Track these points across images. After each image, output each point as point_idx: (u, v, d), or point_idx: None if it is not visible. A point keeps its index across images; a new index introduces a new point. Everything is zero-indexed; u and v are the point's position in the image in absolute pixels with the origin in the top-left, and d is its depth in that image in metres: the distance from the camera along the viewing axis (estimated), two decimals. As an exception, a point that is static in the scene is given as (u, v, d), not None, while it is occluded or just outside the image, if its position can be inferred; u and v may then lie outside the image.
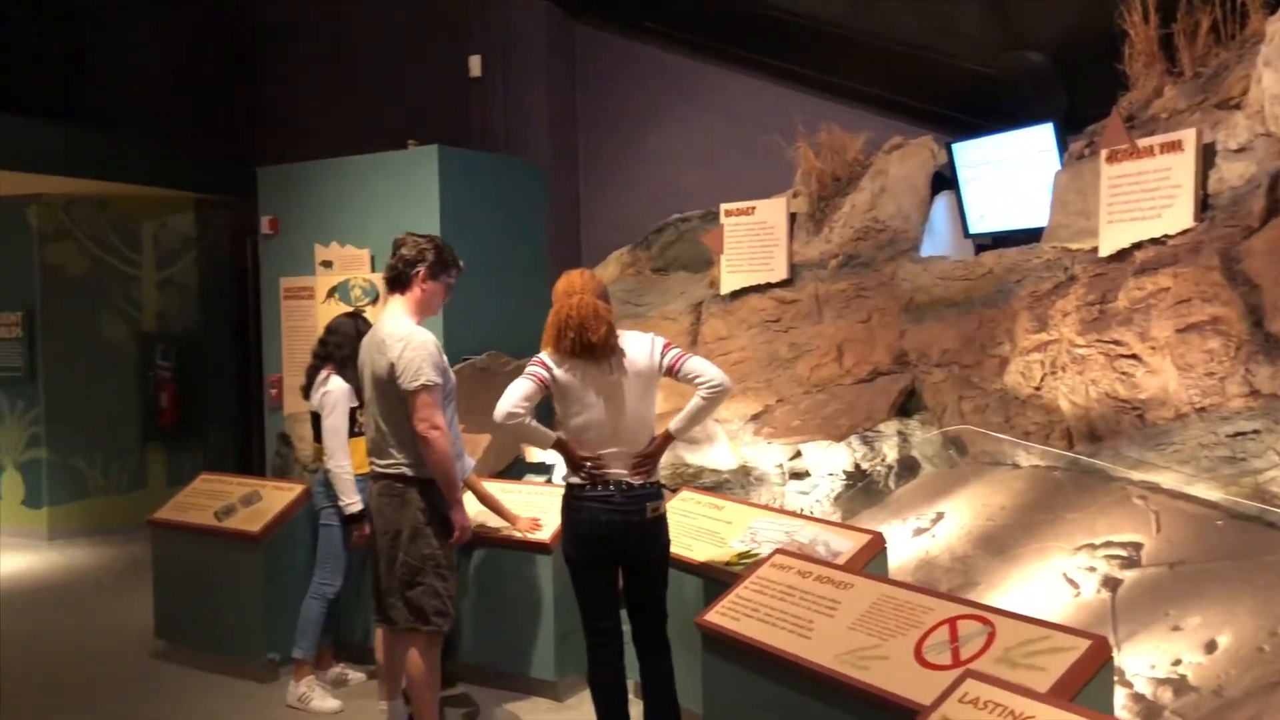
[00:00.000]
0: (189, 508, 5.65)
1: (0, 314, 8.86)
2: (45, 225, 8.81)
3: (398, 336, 4.00)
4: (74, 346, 8.93)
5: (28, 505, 8.89)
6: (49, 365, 8.83)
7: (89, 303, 9.03)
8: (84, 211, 9.00)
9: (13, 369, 8.84)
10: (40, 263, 8.80)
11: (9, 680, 5.46)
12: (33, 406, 8.85)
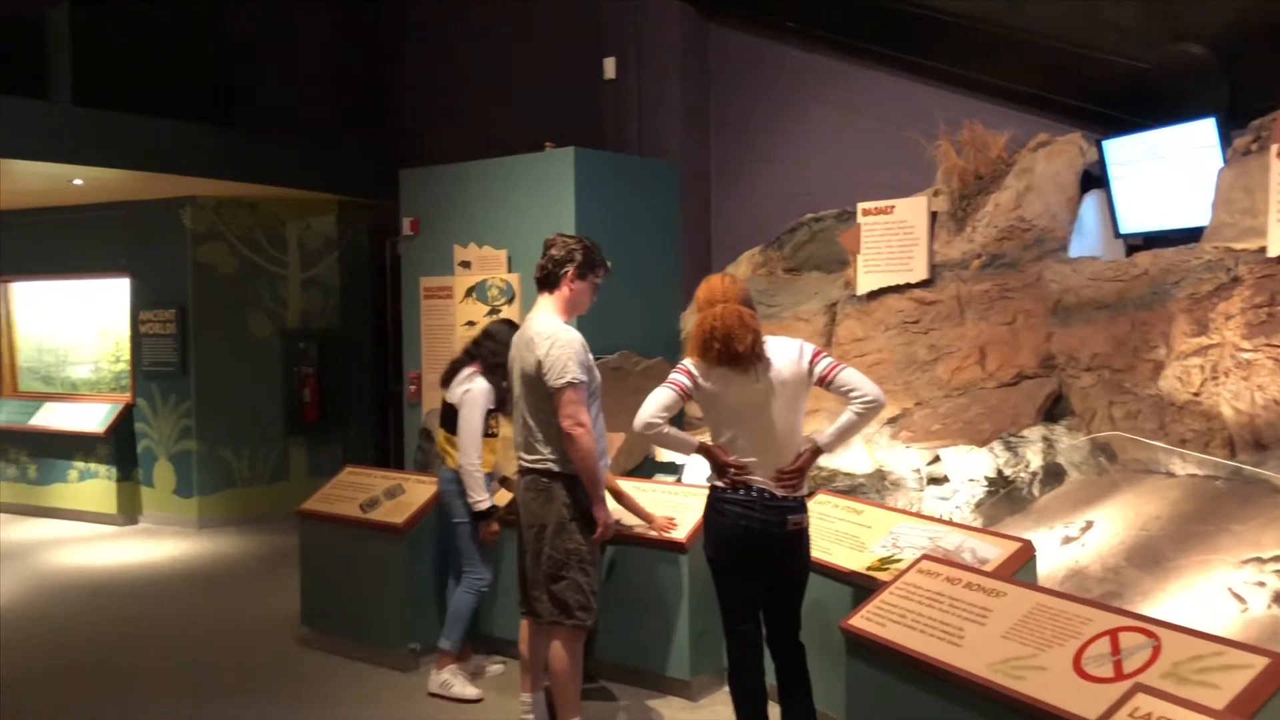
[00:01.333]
0: (335, 499, 5.83)
1: (156, 311, 9.30)
2: (198, 226, 9.21)
3: (545, 334, 4.07)
4: (223, 343, 9.32)
5: (179, 494, 9.31)
6: (200, 360, 9.23)
7: (237, 301, 9.41)
8: (234, 213, 9.39)
9: (167, 364, 9.27)
10: (193, 262, 9.20)
11: (164, 661, 5.73)
12: (184, 400, 9.27)
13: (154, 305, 9.31)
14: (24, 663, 5.70)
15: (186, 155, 8.20)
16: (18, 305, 10.37)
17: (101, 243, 9.62)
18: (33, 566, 7.91)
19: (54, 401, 9.97)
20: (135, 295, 9.45)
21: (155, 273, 9.35)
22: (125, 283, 9.52)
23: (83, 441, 9.48)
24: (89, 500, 9.51)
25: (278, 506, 9.31)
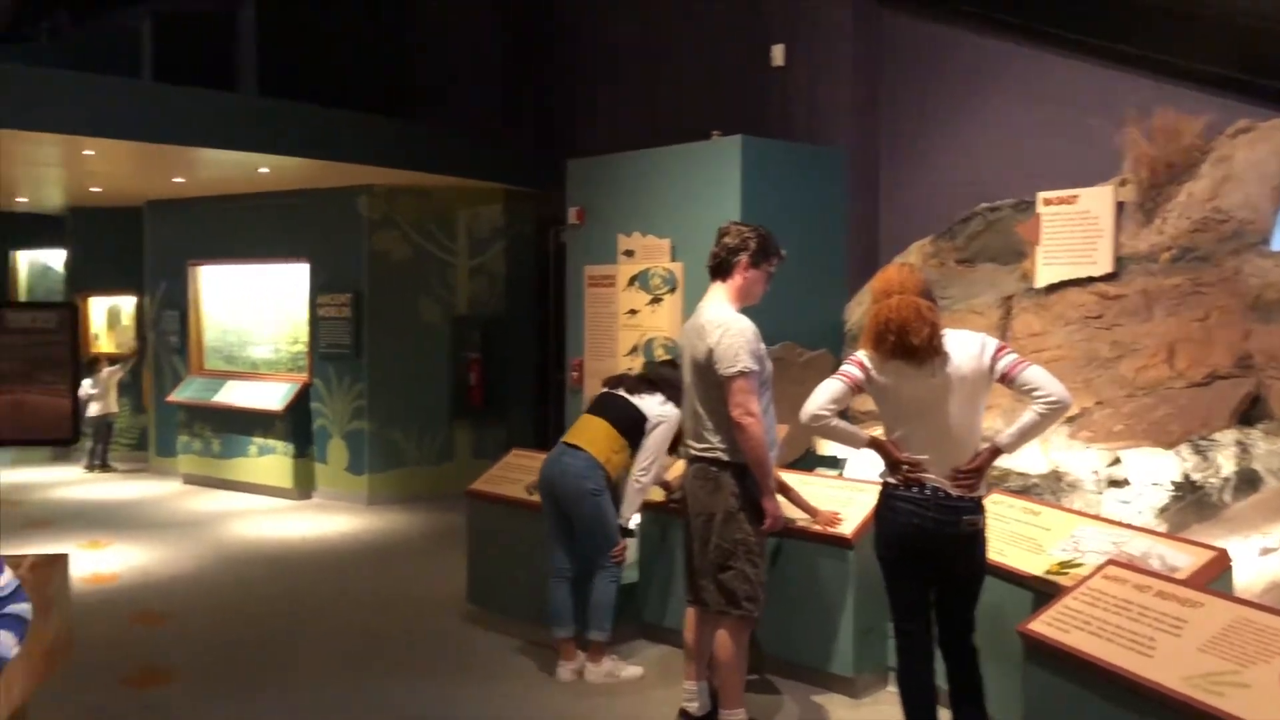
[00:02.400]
0: (502, 481, 5.96)
1: (332, 295, 9.69)
2: (374, 214, 9.56)
3: (717, 323, 4.05)
4: (395, 327, 9.65)
5: (351, 472, 9.70)
6: (373, 344, 9.58)
7: (409, 287, 9.73)
8: (407, 201, 9.70)
9: (342, 346, 9.65)
10: (368, 249, 9.55)
11: (336, 630, 5.97)
12: (358, 381, 9.64)
13: (331, 290, 9.71)
14: (206, 627, 6.04)
15: (364, 145, 8.52)
16: (205, 288, 10.95)
17: (283, 229, 10.08)
18: (215, 536, 8.36)
19: (236, 380, 10.51)
20: (313, 280, 9.87)
21: (332, 258, 9.75)
22: (305, 268, 9.96)
23: (262, 419, 9.97)
24: (267, 474, 10.00)
25: (443, 486, 9.61)
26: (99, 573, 7.08)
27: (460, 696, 4.95)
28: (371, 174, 9.05)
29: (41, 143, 7.82)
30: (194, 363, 10.94)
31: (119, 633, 5.84)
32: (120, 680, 5.10)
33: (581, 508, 4.96)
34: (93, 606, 6.18)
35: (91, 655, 5.15)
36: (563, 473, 4.99)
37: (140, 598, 6.55)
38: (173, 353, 11.07)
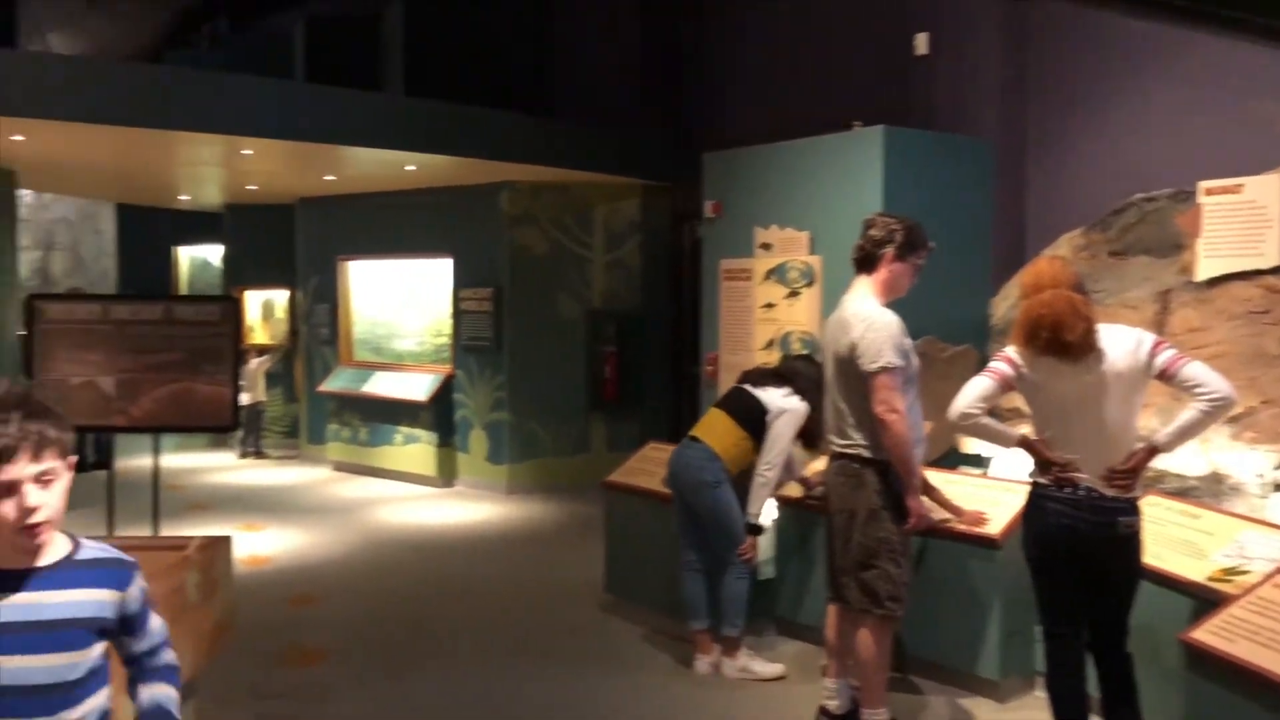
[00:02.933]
0: (638, 473, 6.01)
1: (474, 289, 9.93)
2: (514, 210, 9.75)
3: (861, 317, 3.99)
4: (534, 321, 9.83)
5: (491, 461, 9.92)
6: (512, 337, 9.78)
7: (547, 281, 9.90)
8: (547, 197, 9.86)
9: (483, 339, 9.88)
10: (509, 244, 9.75)
11: (477, 616, 6.12)
12: (498, 373, 9.86)
13: (473, 284, 9.95)
14: (355, 609, 6.26)
15: (506, 142, 8.69)
16: (354, 282, 11.35)
17: (428, 225, 10.37)
18: (363, 521, 8.67)
19: (383, 371, 10.87)
20: (457, 275, 10.13)
21: (474, 254, 9.98)
22: (448, 263, 10.22)
23: (408, 408, 10.28)
24: (412, 462, 10.32)
25: (579, 477, 9.75)
26: (255, 555, 7.43)
27: (597, 685, 5.02)
28: (512, 170, 9.23)
29: (204, 143, 8.22)
30: (343, 354, 11.35)
31: (274, 613, 6.11)
32: (276, 659, 5.34)
33: (700, 500, 4.98)
34: (250, 587, 6.47)
35: (250, 634, 5.39)
36: (684, 465, 5.04)
37: (294, 580, 6.84)
38: (323, 344, 11.52)
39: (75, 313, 6.00)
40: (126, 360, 5.91)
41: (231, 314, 6.12)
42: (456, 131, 8.46)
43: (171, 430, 6.42)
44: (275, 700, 4.82)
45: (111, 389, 5.94)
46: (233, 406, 6.09)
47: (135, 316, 5.97)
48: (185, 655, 3.53)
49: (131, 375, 5.94)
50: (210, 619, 3.82)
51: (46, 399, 1.91)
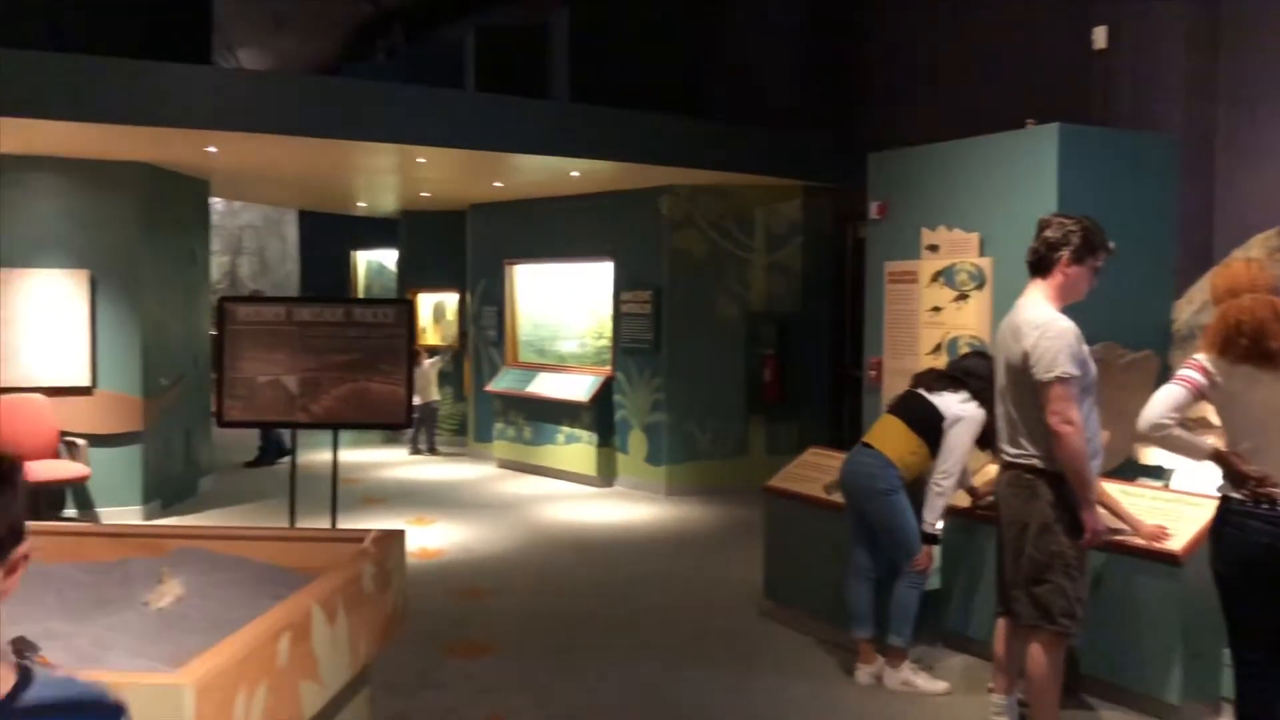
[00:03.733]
0: (799, 478, 5.96)
1: (635, 292, 10.04)
2: (674, 213, 9.81)
3: (1034, 324, 3.85)
4: (693, 323, 9.87)
5: (649, 462, 10.01)
6: (671, 339, 9.85)
7: (707, 284, 9.93)
8: (707, 200, 9.89)
9: (643, 341, 9.98)
10: (669, 247, 9.82)
11: (636, 615, 6.17)
12: (657, 375, 9.94)
13: (633, 287, 10.06)
14: (520, 604, 6.42)
15: (667, 146, 8.76)
16: (520, 285, 11.64)
17: (590, 229, 10.54)
18: (527, 518, 8.87)
19: (546, 372, 11.10)
20: (617, 277, 10.26)
21: (635, 257, 10.10)
22: (608, 266, 10.37)
23: (569, 409, 10.47)
24: (573, 462, 10.50)
25: (737, 480, 9.73)
26: (426, 548, 7.69)
27: (755, 689, 5.00)
28: (673, 174, 9.29)
29: (380, 152, 8.57)
30: (509, 355, 11.65)
31: (443, 604, 6.32)
32: (445, 649, 5.52)
33: (874, 507, 4.90)
34: (420, 579, 6.71)
35: (419, 624, 5.59)
36: (854, 471, 4.97)
37: (462, 573, 7.06)
38: (490, 346, 11.85)
39: (262, 314, 6.34)
40: (309, 360, 6.21)
41: (406, 316, 6.36)
42: (619, 137, 8.58)
43: (349, 427, 6.71)
44: (442, 690, 4.99)
45: (295, 387, 6.25)
46: (406, 405, 6.32)
47: (317, 318, 6.27)
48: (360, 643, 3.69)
49: (313, 374, 6.24)
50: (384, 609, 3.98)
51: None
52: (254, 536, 4.23)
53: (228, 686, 2.69)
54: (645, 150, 8.65)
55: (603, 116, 8.64)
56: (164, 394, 8.97)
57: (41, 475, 7.72)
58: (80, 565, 4.08)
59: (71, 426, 8.21)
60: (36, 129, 7.11)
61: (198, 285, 9.95)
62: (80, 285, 8.27)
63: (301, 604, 3.24)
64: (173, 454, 9.18)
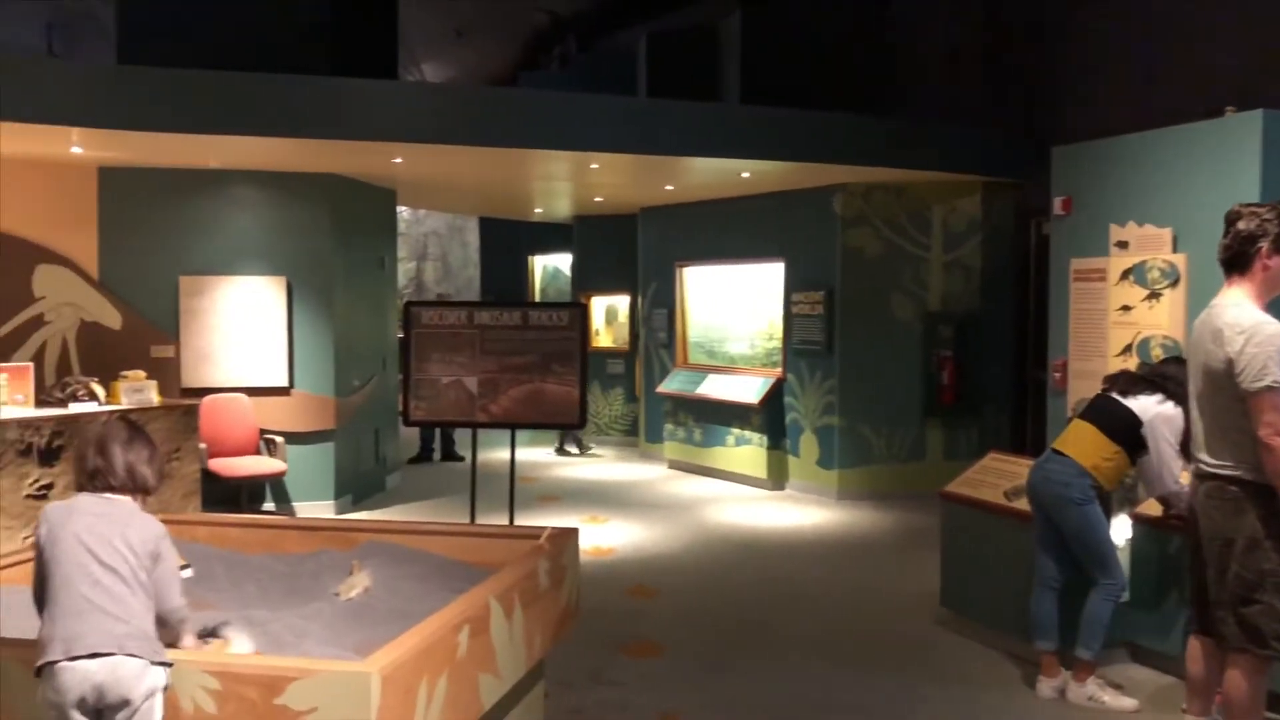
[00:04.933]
0: (979, 484, 5.78)
1: (806, 293, 9.94)
2: (847, 212, 9.67)
3: (1239, 328, 3.59)
4: (866, 323, 9.70)
5: (821, 466, 9.89)
6: (844, 340, 9.71)
7: (881, 283, 9.74)
8: (881, 198, 9.71)
9: (814, 342, 9.87)
10: (841, 246, 9.68)
11: (807, 621, 6.12)
12: (829, 377, 9.81)
13: (804, 287, 9.96)
14: (691, 604, 6.45)
15: (839, 145, 8.64)
16: (690, 287, 11.69)
17: (760, 230, 10.50)
18: (697, 519, 8.91)
19: (716, 374, 11.12)
20: (788, 278, 10.19)
21: (806, 257, 10.00)
22: (780, 266, 10.30)
23: (739, 411, 10.45)
24: (743, 464, 10.48)
25: (912, 485, 9.53)
26: (599, 546, 7.83)
27: (929, 699, 4.88)
28: (846, 173, 9.16)
29: (555, 159, 8.78)
30: (679, 357, 11.73)
31: (615, 602, 6.42)
32: (617, 647, 5.60)
33: (1065, 517, 4.69)
34: (593, 577, 6.83)
35: (592, 621, 5.70)
36: (1044, 479, 4.76)
37: (633, 572, 7.15)
38: (661, 347, 11.96)
39: (445, 318, 6.57)
40: (488, 362, 6.41)
41: (579, 319, 6.48)
42: (791, 137, 8.52)
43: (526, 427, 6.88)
44: (612, 686, 5.06)
45: (475, 388, 6.46)
46: (580, 405, 6.45)
47: (496, 321, 6.46)
48: (536, 638, 3.78)
49: (492, 375, 6.43)
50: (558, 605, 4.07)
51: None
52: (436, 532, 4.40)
53: (411, 676, 2.82)
54: (820, 149, 8.56)
55: (776, 117, 8.59)
56: (355, 394, 9.43)
57: (245, 470, 8.24)
58: (278, 556, 4.34)
59: (270, 425, 8.74)
60: (240, 145, 7.60)
61: (385, 290, 10.41)
62: (278, 291, 8.79)
63: (480, 598, 3.35)
64: (362, 451, 9.63)
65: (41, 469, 6.85)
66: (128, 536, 2.80)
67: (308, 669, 2.69)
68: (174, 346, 8.63)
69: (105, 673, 2.60)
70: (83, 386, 7.58)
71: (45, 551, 2.76)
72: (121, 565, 2.74)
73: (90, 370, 8.20)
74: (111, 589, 2.69)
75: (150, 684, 2.66)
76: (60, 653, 2.60)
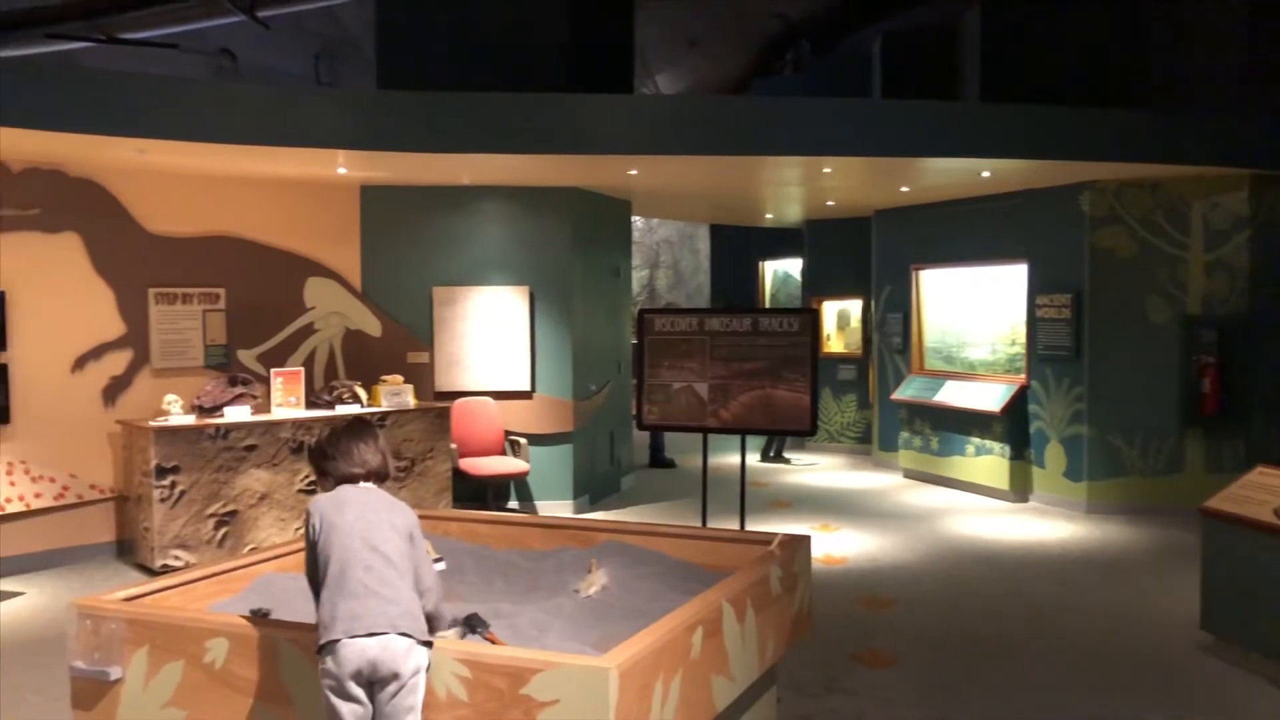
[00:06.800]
0: (1245, 500, 5.37)
1: (1052, 295, 9.50)
2: (1096, 210, 9.18)
3: None
4: (1117, 328, 9.18)
5: (1067, 477, 9.42)
6: (1093, 345, 9.21)
7: (1134, 285, 9.19)
8: (1133, 195, 9.16)
9: (1061, 347, 9.42)
10: (1090, 247, 9.20)
11: (1052, 640, 5.84)
12: (1077, 384, 9.33)
13: (1050, 290, 9.52)
14: (927, 617, 6.29)
15: (1088, 141, 8.23)
16: (926, 291, 11.40)
17: (1001, 231, 10.12)
18: (933, 530, 8.67)
19: (954, 380, 10.78)
20: (1031, 280, 9.77)
21: (1052, 258, 9.56)
22: (1022, 268, 9.89)
23: (980, 419, 10.10)
24: (983, 474, 10.12)
25: (1169, 499, 8.96)
26: (830, 554, 7.76)
27: (1192, 731, 4.58)
28: (1094, 170, 8.71)
29: (787, 165, 8.77)
30: (915, 363, 11.45)
31: (848, 612, 6.35)
32: (850, 656, 5.54)
33: None
34: (825, 585, 6.78)
35: (824, 629, 5.68)
36: None
37: (866, 582, 7.05)
38: (895, 353, 11.71)
39: (676, 324, 6.71)
40: (718, 368, 6.50)
41: (810, 324, 6.46)
42: (1034, 134, 8.18)
43: (756, 433, 6.93)
44: (847, 696, 5.01)
45: (705, 394, 6.56)
46: (811, 412, 6.43)
47: (726, 328, 6.54)
48: (768, 643, 3.81)
49: (722, 381, 6.52)
50: (789, 612, 4.08)
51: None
52: (669, 534, 4.50)
53: (648, 673, 2.91)
54: (1068, 146, 8.18)
55: (1015, 114, 8.27)
56: (591, 398, 9.75)
57: (492, 470, 8.68)
58: (522, 552, 4.56)
59: (514, 427, 9.16)
60: (489, 162, 8.02)
61: (620, 298, 10.71)
62: (522, 300, 9.21)
63: (713, 601, 3.42)
64: (598, 453, 9.94)
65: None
66: (393, 520, 3.06)
67: (551, 662, 2.83)
68: (428, 353, 9.20)
69: (379, 649, 2.84)
70: (347, 390, 8.20)
71: (319, 541, 3.03)
72: (391, 550, 2.99)
73: (354, 375, 8.88)
74: (383, 573, 2.94)
75: (416, 661, 2.88)
76: (341, 632, 2.85)
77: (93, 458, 7.71)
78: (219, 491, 7.43)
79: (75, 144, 6.85)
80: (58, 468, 7.52)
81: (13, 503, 7.27)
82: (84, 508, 7.68)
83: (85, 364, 7.69)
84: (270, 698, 3.17)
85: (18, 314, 7.33)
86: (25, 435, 7.36)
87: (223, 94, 7.30)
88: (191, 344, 8.23)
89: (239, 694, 3.20)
